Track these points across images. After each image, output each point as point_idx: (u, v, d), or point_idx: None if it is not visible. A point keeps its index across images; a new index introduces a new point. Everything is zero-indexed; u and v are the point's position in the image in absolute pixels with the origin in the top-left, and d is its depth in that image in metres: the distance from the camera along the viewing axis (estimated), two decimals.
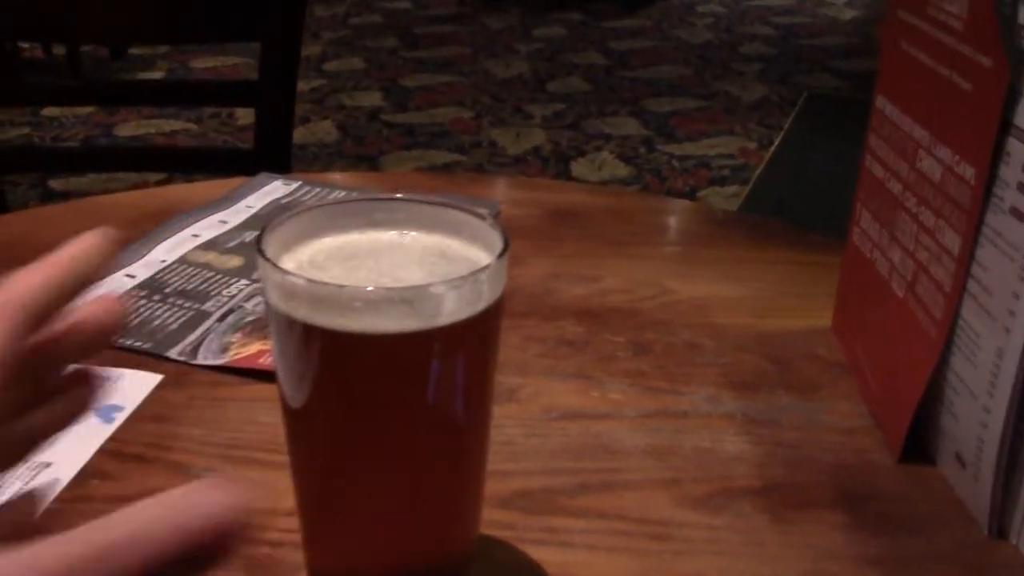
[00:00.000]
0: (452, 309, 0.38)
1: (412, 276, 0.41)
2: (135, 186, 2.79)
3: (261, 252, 0.39)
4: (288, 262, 0.41)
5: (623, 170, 3.34)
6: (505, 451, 0.56)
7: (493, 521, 0.48)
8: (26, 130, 3.68)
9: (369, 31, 5.23)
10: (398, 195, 0.44)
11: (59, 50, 4.48)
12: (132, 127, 3.73)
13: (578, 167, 3.36)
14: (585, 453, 0.57)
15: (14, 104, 3.26)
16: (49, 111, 3.84)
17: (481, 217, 0.42)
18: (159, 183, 2.86)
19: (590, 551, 0.50)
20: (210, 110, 3.87)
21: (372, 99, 4.11)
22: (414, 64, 4.64)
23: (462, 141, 3.61)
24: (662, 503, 0.53)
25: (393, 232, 0.44)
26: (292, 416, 0.42)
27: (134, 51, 4.77)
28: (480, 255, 0.42)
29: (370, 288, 0.37)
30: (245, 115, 3.81)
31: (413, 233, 0.44)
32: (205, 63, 4.64)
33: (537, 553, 0.49)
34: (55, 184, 3.16)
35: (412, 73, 4.48)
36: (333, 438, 0.41)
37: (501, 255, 0.39)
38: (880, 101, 0.65)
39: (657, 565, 0.49)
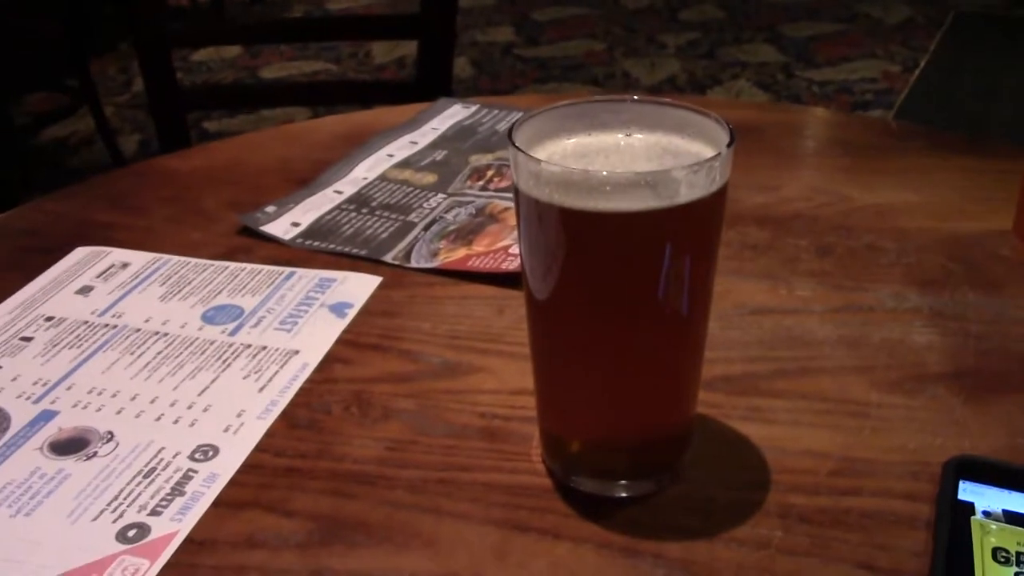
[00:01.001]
0: (687, 192, 0.42)
1: (642, 169, 0.46)
2: (282, 123, 2.90)
3: (516, 147, 0.44)
4: None
5: (762, 97, 3.29)
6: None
7: (699, 400, 0.53)
8: (178, 75, 3.86)
9: None
10: (629, 96, 0.48)
11: None
12: (276, 69, 3.87)
13: (715, 96, 3.33)
14: (779, 343, 0.61)
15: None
16: (198, 55, 4.01)
17: (705, 114, 0.46)
18: (304, 120, 2.98)
19: (794, 426, 0.54)
20: (348, 50, 3.97)
21: (504, 34, 4.14)
22: None
23: (595, 73, 3.62)
24: (858, 386, 0.57)
25: (620, 133, 0.48)
26: (536, 301, 0.47)
27: None
28: (703, 149, 0.46)
29: (618, 171, 0.42)
30: (381, 54, 3.91)
31: (638, 134, 0.48)
32: (339, 4, 4.74)
33: (744, 428, 0.54)
34: (208, 125, 3.32)
35: (542, 7, 4.48)
36: (577, 317, 0.46)
37: (730, 144, 0.43)
38: None
39: (859, 439, 0.52)
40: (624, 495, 0.49)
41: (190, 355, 0.62)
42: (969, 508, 0.46)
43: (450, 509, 0.49)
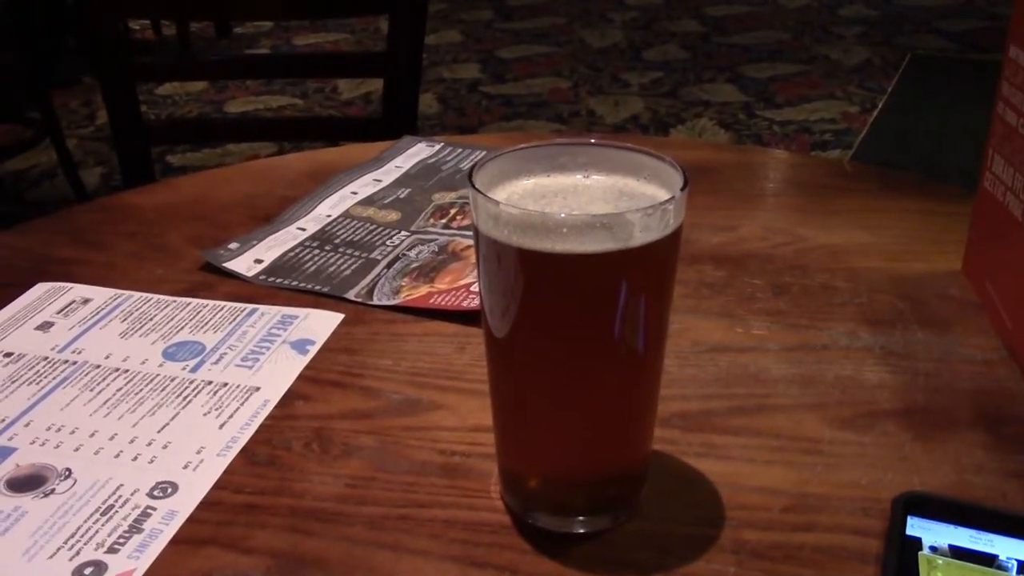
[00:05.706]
0: (642, 234, 0.43)
1: (598, 211, 0.47)
2: (247, 159, 2.89)
3: (476, 189, 0.45)
4: None
5: (723, 136, 3.34)
6: (661, 379, 0.61)
7: (656, 437, 0.54)
8: (142, 108, 3.84)
9: (464, 4, 5.28)
10: (587, 139, 0.49)
11: (168, 31, 4.66)
12: (241, 103, 3.87)
13: (678, 134, 3.37)
14: (735, 381, 0.62)
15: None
16: (163, 89, 4.00)
17: (660, 158, 0.48)
18: (269, 155, 2.98)
19: (749, 463, 0.55)
20: (315, 86, 3.98)
21: (470, 71, 4.17)
22: (510, 35, 4.69)
23: (561, 111, 3.65)
24: (811, 423, 0.58)
25: (578, 175, 0.49)
26: (495, 339, 0.47)
27: (238, 30, 4.93)
28: (658, 192, 0.47)
29: (575, 213, 0.43)
30: (348, 90, 3.92)
31: (596, 175, 0.49)
32: (306, 40, 4.76)
33: (700, 464, 0.55)
34: (172, 159, 3.30)
35: (508, 44, 4.53)
36: (535, 356, 0.47)
37: (683, 188, 0.45)
38: (1013, 51, 0.68)
39: (812, 475, 0.54)
40: (581, 531, 0.50)
41: (150, 392, 0.62)
42: (917, 543, 0.47)
43: (409, 546, 0.49)
